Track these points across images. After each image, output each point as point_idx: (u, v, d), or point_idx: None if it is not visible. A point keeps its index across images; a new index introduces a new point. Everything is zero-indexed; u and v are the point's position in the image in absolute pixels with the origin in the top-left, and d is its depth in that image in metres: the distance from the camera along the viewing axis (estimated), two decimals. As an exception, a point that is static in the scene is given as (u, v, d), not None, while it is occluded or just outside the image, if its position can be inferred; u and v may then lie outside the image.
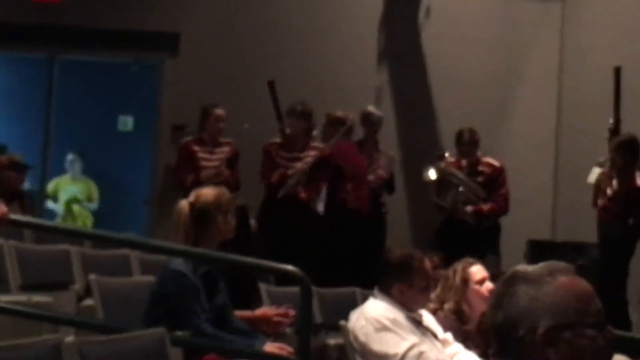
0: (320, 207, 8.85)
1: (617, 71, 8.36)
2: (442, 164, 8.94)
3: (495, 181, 9.00)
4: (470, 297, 5.29)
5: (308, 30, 10.36)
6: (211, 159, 8.87)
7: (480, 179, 8.99)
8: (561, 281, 2.12)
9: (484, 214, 8.92)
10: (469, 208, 8.88)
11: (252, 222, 5.86)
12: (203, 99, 9.44)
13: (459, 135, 9.06)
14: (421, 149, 10.17)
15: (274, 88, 8.89)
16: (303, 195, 8.73)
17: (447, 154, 8.99)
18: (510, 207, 9.04)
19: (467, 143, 9.01)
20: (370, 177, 9.05)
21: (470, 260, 5.45)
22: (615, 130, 8.28)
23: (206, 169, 8.78)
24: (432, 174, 9.01)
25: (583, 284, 2.14)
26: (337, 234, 8.64)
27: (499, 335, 2.14)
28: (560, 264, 2.18)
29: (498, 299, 2.16)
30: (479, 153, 9.07)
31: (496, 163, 9.05)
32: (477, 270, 5.36)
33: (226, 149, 8.94)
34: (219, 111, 8.93)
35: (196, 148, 8.90)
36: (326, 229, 8.67)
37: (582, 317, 2.09)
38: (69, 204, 11.56)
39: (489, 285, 5.25)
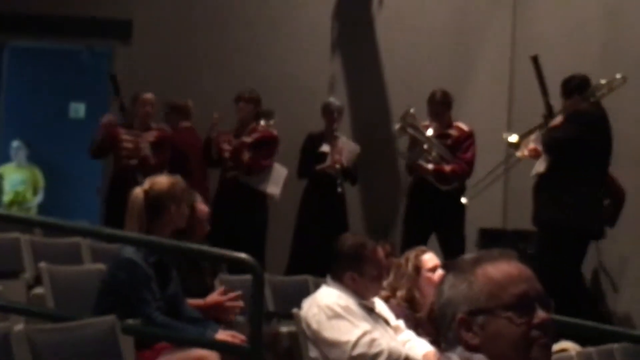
0: (271, 189, 8.91)
1: (535, 59, 8.33)
2: (407, 118, 8.82)
3: (461, 144, 8.87)
4: (422, 285, 5.32)
5: (261, 19, 10.34)
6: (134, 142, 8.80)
7: (448, 142, 8.85)
8: (483, 269, 2.21)
9: (444, 174, 8.78)
10: (430, 166, 8.77)
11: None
12: (154, 87, 9.38)
13: (432, 96, 8.89)
14: (374, 138, 10.19)
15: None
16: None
17: (411, 110, 8.88)
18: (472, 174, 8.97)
19: (438, 103, 8.86)
20: (328, 163, 9.08)
21: (423, 248, 5.49)
22: (549, 115, 8.22)
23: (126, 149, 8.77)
24: (396, 126, 8.94)
25: (508, 270, 2.22)
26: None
27: (438, 322, 2.27)
28: (496, 251, 2.27)
29: (437, 288, 2.30)
30: (451, 116, 8.99)
31: (465, 128, 8.91)
32: (429, 259, 5.40)
33: (154, 133, 8.89)
34: (147, 95, 8.90)
35: (121, 130, 8.87)
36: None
37: (497, 301, 2.17)
38: (10, 204, 11.36)
39: (440, 273, 5.28)
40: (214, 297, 5.40)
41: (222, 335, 4.87)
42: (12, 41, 10.50)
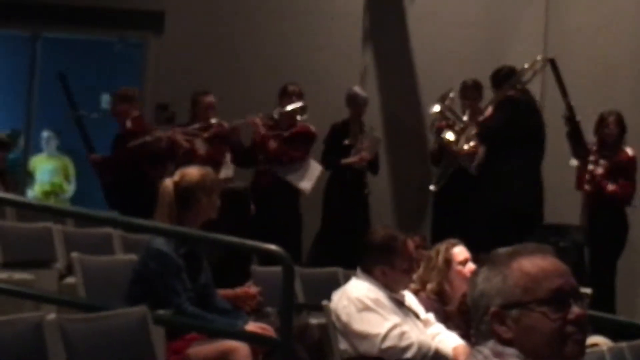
0: (303, 184, 8.89)
1: (553, 63, 8.41)
2: (447, 101, 8.84)
3: None
4: (452, 278, 5.30)
5: (293, 11, 10.32)
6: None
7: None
8: (518, 262, 2.23)
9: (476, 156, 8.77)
10: (465, 146, 8.76)
11: (252, 206, 5.83)
12: (187, 79, 9.39)
13: (464, 83, 8.99)
14: (405, 130, 10.17)
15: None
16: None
17: (451, 94, 8.91)
18: None
19: (471, 87, 8.92)
20: (355, 159, 9.05)
21: (453, 241, 5.46)
22: (571, 118, 8.31)
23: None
24: (435, 108, 8.94)
25: (543, 264, 2.23)
26: None
27: (471, 315, 2.27)
28: (532, 246, 2.28)
29: (471, 281, 2.30)
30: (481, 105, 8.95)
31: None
32: (460, 251, 5.38)
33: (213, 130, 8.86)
34: (209, 98, 8.85)
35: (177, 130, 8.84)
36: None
37: (532, 296, 2.18)
38: (47, 195, 11.41)
39: (471, 266, 5.26)
40: (244, 288, 5.42)
41: (252, 326, 4.89)
42: (45, 32, 10.55)
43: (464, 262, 5.33)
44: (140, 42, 10.56)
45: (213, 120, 8.70)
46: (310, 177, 8.95)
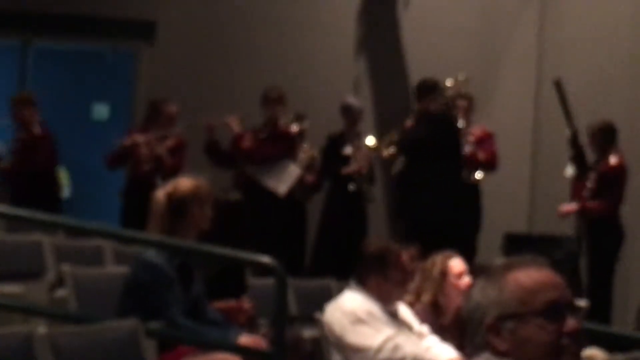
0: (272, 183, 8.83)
1: (558, 85, 8.44)
2: (449, 91, 8.88)
3: (485, 142, 8.98)
4: (447, 291, 5.26)
5: (286, 20, 10.31)
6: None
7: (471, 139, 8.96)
8: (514, 274, 2.23)
9: (477, 162, 8.84)
10: (465, 149, 8.81)
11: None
12: (179, 89, 9.36)
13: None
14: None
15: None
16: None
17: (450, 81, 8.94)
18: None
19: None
20: (354, 167, 9.04)
21: (450, 253, 5.42)
22: (574, 142, 8.35)
23: None
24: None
25: (539, 276, 2.23)
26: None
27: (466, 327, 2.28)
28: (527, 258, 2.28)
29: (466, 292, 2.38)
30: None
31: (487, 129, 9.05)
32: (456, 264, 5.34)
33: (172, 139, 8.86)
34: (173, 108, 8.85)
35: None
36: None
37: (528, 307, 2.18)
38: None
39: (466, 279, 5.22)
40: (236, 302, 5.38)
41: (245, 339, 4.84)
42: (36, 42, 10.51)
43: (459, 275, 5.29)
44: (132, 52, 10.52)
45: (177, 129, 8.74)
46: (286, 179, 8.87)
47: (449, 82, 8.74)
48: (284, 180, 8.85)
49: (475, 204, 8.88)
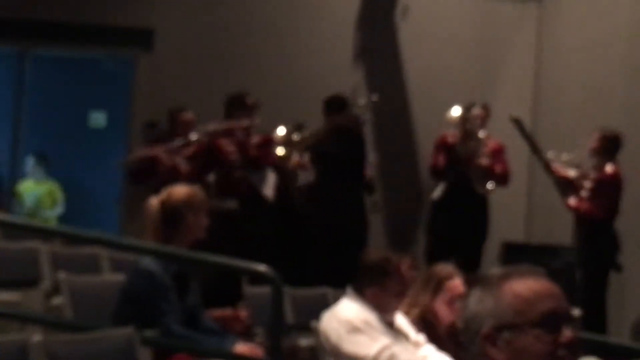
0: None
1: (517, 122, 8.53)
2: (471, 111, 8.86)
3: (499, 155, 9.01)
4: (438, 308, 5.17)
5: (284, 28, 10.31)
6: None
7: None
8: (511, 284, 2.22)
9: (494, 174, 8.83)
10: (485, 160, 8.79)
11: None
12: (176, 96, 9.34)
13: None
14: (396, 149, 10.14)
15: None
16: None
17: (475, 107, 8.92)
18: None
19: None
20: None
21: (451, 269, 5.25)
22: (549, 172, 8.40)
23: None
24: (455, 111, 8.92)
25: (536, 287, 2.22)
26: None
27: (462, 337, 2.27)
28: (524, 268, 2.27)
29: (463, 302, 2.30)
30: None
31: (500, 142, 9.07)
32: (455, 286, 5.18)
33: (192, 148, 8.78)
34: (189, 116, 8.80)
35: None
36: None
37: (524, 318, 2.17)
38: (33, 214, 11.29)
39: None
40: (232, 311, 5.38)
41: (241, 347, 4.83)
42: (34, 49, 10.50)
43: (459, 297, 5.19)
44: (130, 60, 10.52)
45: (193, 137, 8.66)
46: (269, 185, 8.84)
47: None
48: (268, 186, 8.82)
49: (483, 215, 8.88)
